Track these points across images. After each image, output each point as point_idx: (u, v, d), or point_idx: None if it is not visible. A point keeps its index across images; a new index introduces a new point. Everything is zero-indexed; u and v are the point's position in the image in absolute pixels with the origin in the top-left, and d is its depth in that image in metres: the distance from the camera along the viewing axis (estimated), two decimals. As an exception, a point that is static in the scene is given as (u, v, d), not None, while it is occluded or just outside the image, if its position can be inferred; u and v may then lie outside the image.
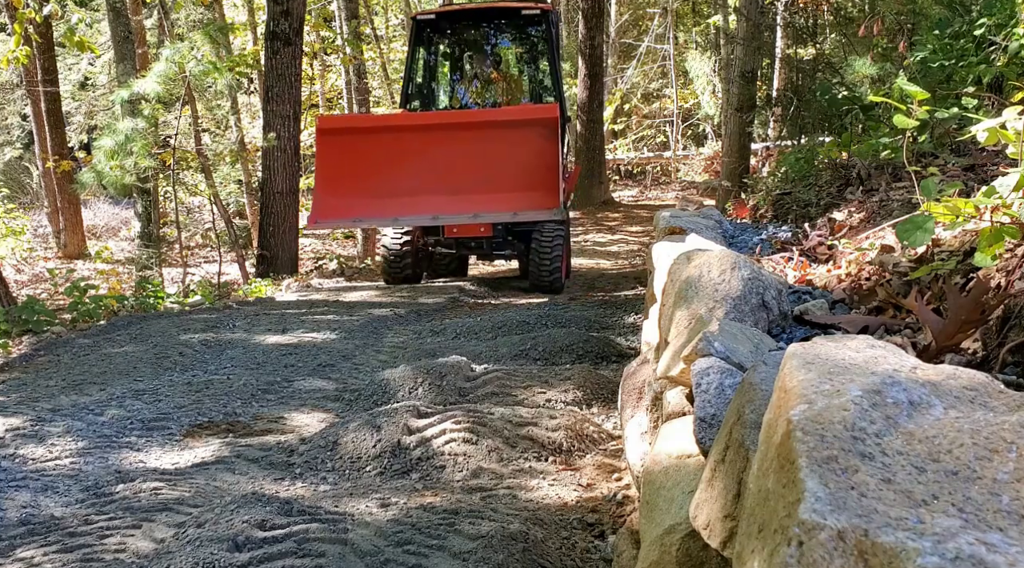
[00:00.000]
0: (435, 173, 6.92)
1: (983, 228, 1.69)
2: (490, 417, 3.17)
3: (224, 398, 3.84)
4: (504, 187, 6.76)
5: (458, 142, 6.89)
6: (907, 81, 2.21)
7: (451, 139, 6.91)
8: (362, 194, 6.96)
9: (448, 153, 6.89)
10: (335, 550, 2.16)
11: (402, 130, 7.07)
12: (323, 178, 6.97)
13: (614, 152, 20.17)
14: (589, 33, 13.47)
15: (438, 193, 6.84)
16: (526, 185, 6.65)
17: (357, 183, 6.95)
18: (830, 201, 3.91)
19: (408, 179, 6.92)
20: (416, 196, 6.85)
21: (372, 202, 6.97)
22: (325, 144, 7.04)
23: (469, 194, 6.80)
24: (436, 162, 6.92)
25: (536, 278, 7.25)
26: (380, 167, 7.00)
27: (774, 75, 12.87)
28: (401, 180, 6.92)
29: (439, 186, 6.86)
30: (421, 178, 6.90)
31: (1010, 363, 1.44)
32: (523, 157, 6.72)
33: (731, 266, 1.97)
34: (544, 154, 6.63)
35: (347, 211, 6.98)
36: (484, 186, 6.80)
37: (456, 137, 6.92)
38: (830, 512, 0.67)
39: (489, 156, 6.82)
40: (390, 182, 6.94)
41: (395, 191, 6.91)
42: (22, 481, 2.84)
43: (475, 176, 6.84)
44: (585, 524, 2.41)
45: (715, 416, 1.36)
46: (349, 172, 6.98)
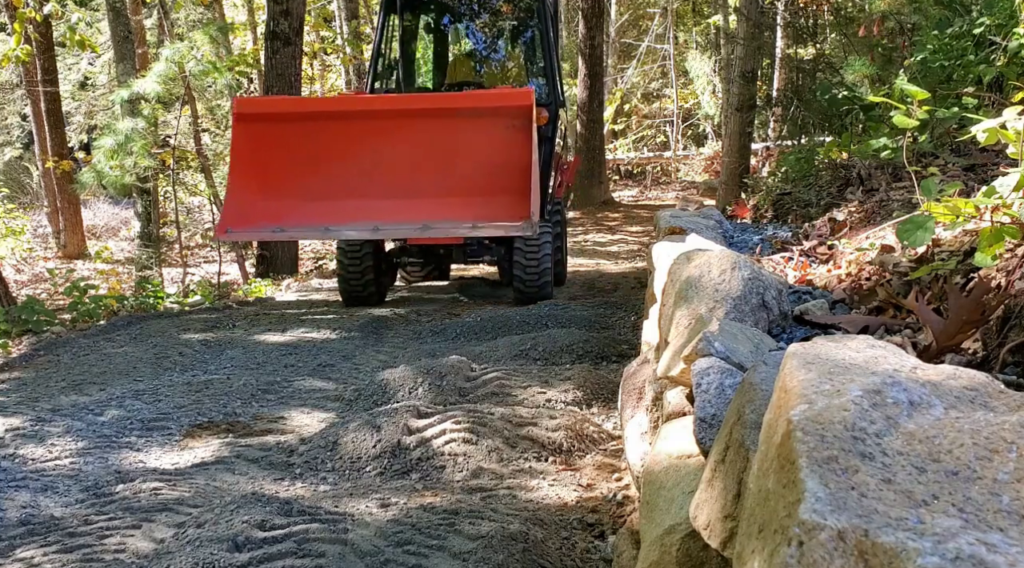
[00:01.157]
0: (379, 171, 5.78)
1: (983, 228, 1.69)
2: (490, 417, 3.17)
3: (224, 398, 3.84)
4: (462, 190, 5.63)
5: (408, 133, 5.69)
6: (907, 81, 2.21)
7: (399, 129, 5.69)
8: (287, 196, 5.73)
9: (396, 146, 5.73)
10: (335, 550, 2.16)
11: (339, 117, 5.78)
12: (238, 175, 5.65)
13: (614, 152, 20.17)
14: (589, 33, 13.47)
15: (382, 196, 5.70)
16: (490, 189, 5.55)
17: (281, 183, 5.74)
18: (830, 201, 3.91)
19: (345, 178, 5.78)
20: (354, 199, 5.72)
21: (299, 207, 5.71)
22: (242, 132, 5.69)
23: (419, 198, 5.68)
24: (381, 158, 5.76)
25: (521, 287, 6.24)
26: (311, 163, 5.77)
27: (774, 75, 12.87)
28: (337, 179, 5.78)
29: (383, 188, 5.74)
30: (362, 177, 5.77)
31: (1010, 363, 1.44)
32: (488, 154, 5.57)
33: (731, 266, 1.97)
34: (514, 150, 5.39)
35: (266, 218, 5.66)
36: (438, 189, 5.70)
37: (405, 127, 5.69)
38: (830, 512, 0.67)
39: (445, 151, 5.68)
40: (323, 182, 5.77)
41: (329, 193, 5.75)
42: (22, 481, 2.84)
43: (427, 176, 5.73)
44: (585, 524, 2.41)
45: (715, 416, 1.36)
46: (271, 168, 5.73)
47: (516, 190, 5.38)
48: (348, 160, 5.78)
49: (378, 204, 5.69)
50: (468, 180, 5.63)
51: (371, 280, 6.37)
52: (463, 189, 5.63)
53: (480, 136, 5.57)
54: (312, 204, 5.70)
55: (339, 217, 5.61)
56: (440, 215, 5.52)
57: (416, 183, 5.73)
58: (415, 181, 5.73)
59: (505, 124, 5.45)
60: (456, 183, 5.66)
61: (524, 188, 5.30)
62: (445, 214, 5.53)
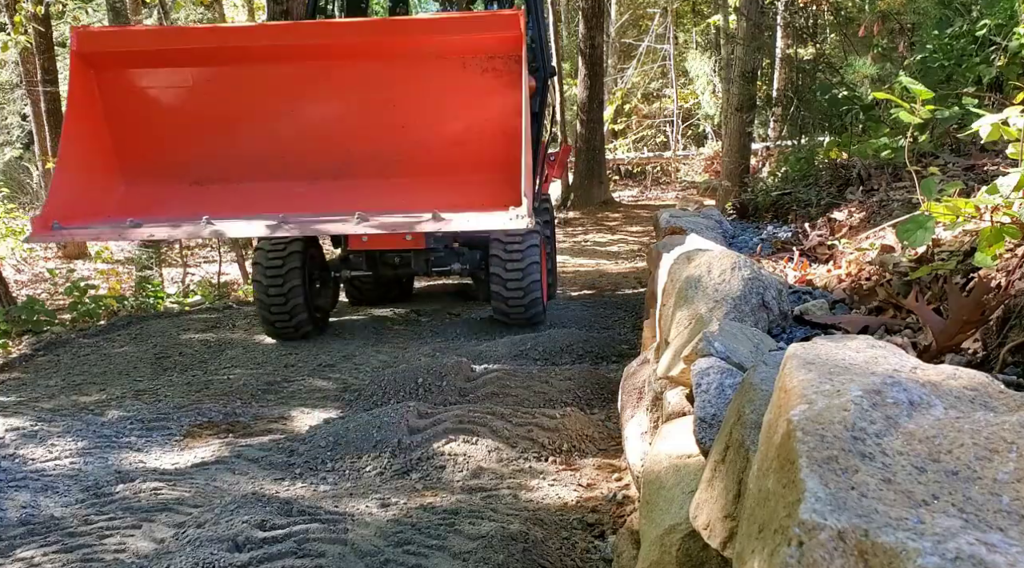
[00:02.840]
0: (294, 139, 4.01)
1: (983, 228, 1.69)
2: (490, 417, 3.17)
3: (224, 398, 3.84)
4: (419, 164, 3.98)
5: (337, 80, 3.93)
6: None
7: (324, 74, 3.91)
8: (152, 175, 3.95)
9: (320, 101, 4.00)
10: (335, 550, 2.16)
11: (233, 56, 3.80)
12: (76, 144, 3.69)
13: (614, 152, 20.17)
14: (589, 33, 13.47)
15: (299, 176, 4.00)
16: (460, 162, 3.93)
17: (144, 155, 3.94)
18: (830, 201, 3.91)
19: (244, 149, 4.00)
20: (257, 181, 3.98)
21: (170, 192, 3.96)
22: (85, 80, 3.73)
23: (355, 177, 4.02)
24: (298, 117, 4.00)
25: (503, 307, 4.96)
26: (191, 125, 3.96)
27: (774, 75, 12.88)
28: (230, 151, 3.99)
29: (301, 163, 4.03)
30: (269, 147, 4.00)
31: (1010, 363, 1.44)
32: (456, 109, 3.93)
33: (731, 266, 1.97)
34: (495, 104, 3.79)
35: (116, 208, 3.83)
36: (384, 163, 4.03)
37: (333, 70, 3.90)
38: (830, 512, 0.67)
39: (394, 107, 3.93)
40: (208, 154, 3.99)
41: (218, 171, 4.00)
42: (22, 481, 2.84)
43: (367, 144, 3.99)
44: (585, 524, 2.42)
45: (715, 416, 1.36)
46: (129, 134, 3.90)
47: (498, 163, 3.74)
48: (247, 121, 3.95)
49: (293, 187, 3.96)
50: (426, 149, 3.94)
51: (300, 305, 4.85)
52: (420, 162, 3.96)
53: (444, 82, 3.83)
54: (191, 189, 3.95)
55: (232, 206, 3.79)
56: (386, 202, 3.76)
57: (351, 152, 3.97)
58: (349, 152, 3.97)
59: (481, 63, 3.73)
60: (409, 154, 3.96)
61: (510, 159, 3.57)
62: (394, 201, 3.77)
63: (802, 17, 9.47)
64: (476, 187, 3.83)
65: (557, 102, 14.42)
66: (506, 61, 3.76)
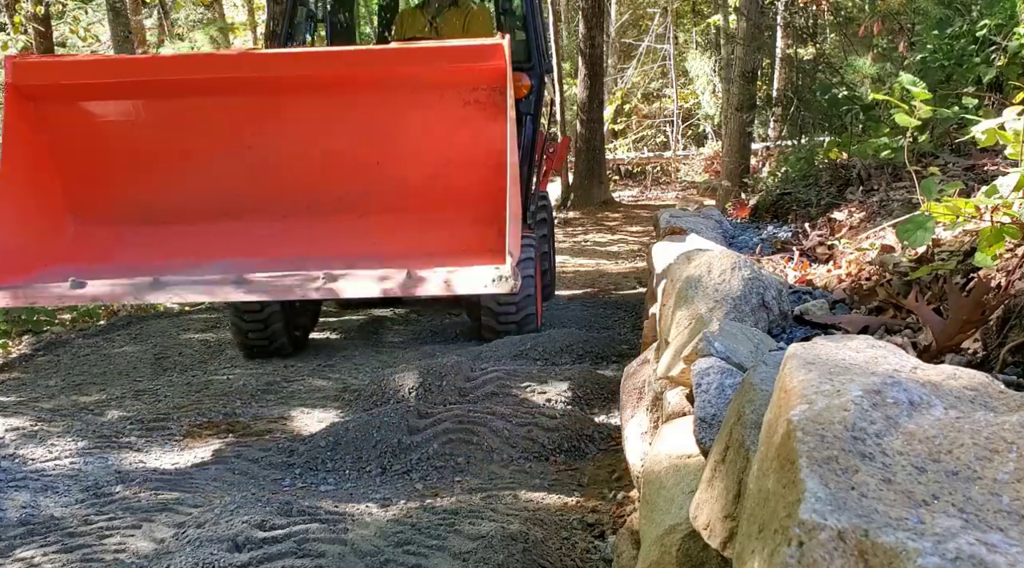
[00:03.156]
0: (260, 175, 3.64)
1: (983, 228, 1.69)
2: (490, 417, 3.17)
3: (224, 398, 3.84)
4: (398, 205, 3.62)
5: (306, 111, 3.57)
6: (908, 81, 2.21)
7: (291, 105, 3.55)
8: (102, 215, 3.56)
9: (288, 134, 3.61)
10: (335, 550, 2.16)
11: (189, 86, 3.42)
12: (10, 185, 3.23)
13: (614, 152, 20.17)
14: (589, 33, 13.47)
15: (263, 215, 3.64)
16: (442, 203, 3.57)
17: (93, 192, 3.55)
18: (830, 201, 3.91)
19: (205, 185, 3.64)
20: (218, 219, 3.61)
21: (125, 233, 3.60)
22: (22, 115, 3.32)
23: (326, 217, 3.68)
24: (264, 152, 3.62)
25: (492, 323, 4.63)
26: (143, 161, 3.59)
27: (774, 75, 12.88)
28: (189, 187, 3.64)
29: (267, 200, 3.65)
30: (231, 183, 3.64)
31: (1010, 363, 1.44)
32: (433, 148, 3.57)
33: (731, 266, 1.97)
34: (477, 142, 3.45)
35: (62, 253, 3.42)
36: (357, 201, 3.66)
37: (294, 103, 3.54)
38: (830, 512, 0.67)
39: (369, 143, 3.58)
40: (164, 191, 3.62)
41: (174, 210, 3.63)
42: (22, 481, 2.84)
43: (339, 180, 3.65)
44: (585, 524, 2.41)
45: (715, 416, 1.36)
46: (75, 170, 3.52)
47: (482, 201, 3.41)
48: (206, 157, 3.62)
49: (257, 228, 3.62)
50: (403, 187, 3.62)
51: (279, 329, 4.61)
52: (395, 202, 3.62)
53: (422, 116, 3.52)
54: (145, 230, 3.60)
55: (190, 250, 3.49)
56: (358, 246, 3.48)
57: (320, 193, 3.67)
58: (318, 190, 3.66)
59: (461, 97, 3.44)
60: (384, 192, 3.63)
61: (494, 197, 3.17)
62: (366, 244, 3.51)
63: (802, 17, 9.48)
64: (457, 228, 3.54)
65: (557, 101, 14.36)
66: (489, 93, 3.41)
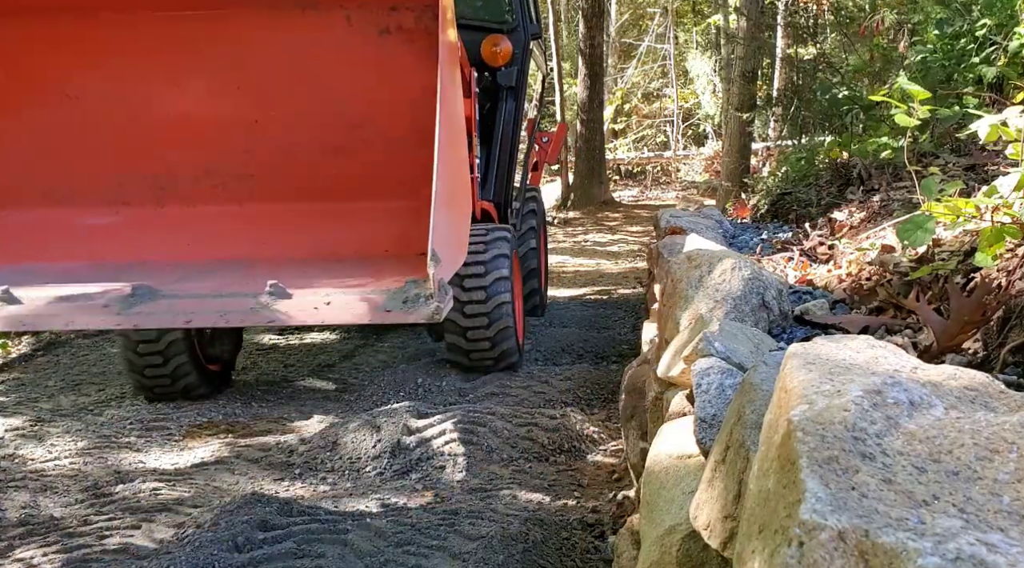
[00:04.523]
0: (82, 140, 2.63)
1: (984, 228, 1.69)
2: (490, 417, 3.17)
3: (224, 398, 3.84)
4: (284, 186, 2.70)
5: (145, 43, 2.54)
6: (907, 81, 2.21)
7: (126, 33, 2.51)
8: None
9: (121, 81, 2.58)
10: (335, 550, 2.16)
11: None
12: None
13: (614, 152, 20.17)
14: (589, 33, 13.46)
15: (95, 198, 2.68)
16: (349, 183, 2.65)
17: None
18: (830, 201, 3.91)
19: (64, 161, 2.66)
20: (18, 208, 2.63)
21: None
22: None
23: (181, 202, 2.73)
24: (85, 108, 2.59)
25: (463, 360, 3.76)
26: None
27: (774, 75, 12.87)
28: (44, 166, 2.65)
29: (99, 178, 2.67)
30: (35, 156, 2.63)
31: (1011, 363, 1.44)
32: (344, 98, 2.58)
33: (731, 266, 1.97)
34: (408, 90, 2.47)
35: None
36: (225, 179, 2.71)
37: (140, 27, 2.51)
38: (831, 512, 0.67)
39: (243, 91, 2.60)
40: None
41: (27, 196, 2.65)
42: (22, 481, 2.84)
43: (199, 149, 2.67)
44: (585, 524, 2.41)
45: (715, 416, 1.35)
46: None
47: (407, 182, 2.45)
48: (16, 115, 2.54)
49: (83, 216, 2.67)
50: (291, 159, 2.64)
51: (185, 363, 3.62)
52: (280, 181, 2.66)
53: (320, 52, 2.50)
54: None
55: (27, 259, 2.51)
56: (226, 244, 2.63)
57: (172, 168, 2.67)
58: (169, 164, 2.66)
59: (377, 19, 2.40)
60: (264, 166, 2.66)
61: (426, 176, 2.05)
62: (238, 241, 2.64)
63: (802, 17, 9.47)
64: (370, 222, 2.59)
65: (556, 81, 14.24)
66: (418, 15, 2.35)
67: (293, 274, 2.28)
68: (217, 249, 2.59)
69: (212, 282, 2.32)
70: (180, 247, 2.60)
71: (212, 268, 2.45)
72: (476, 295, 3.54)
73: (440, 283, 1.97)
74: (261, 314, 2.09)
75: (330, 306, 2.08)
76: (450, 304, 2.06)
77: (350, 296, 2.10)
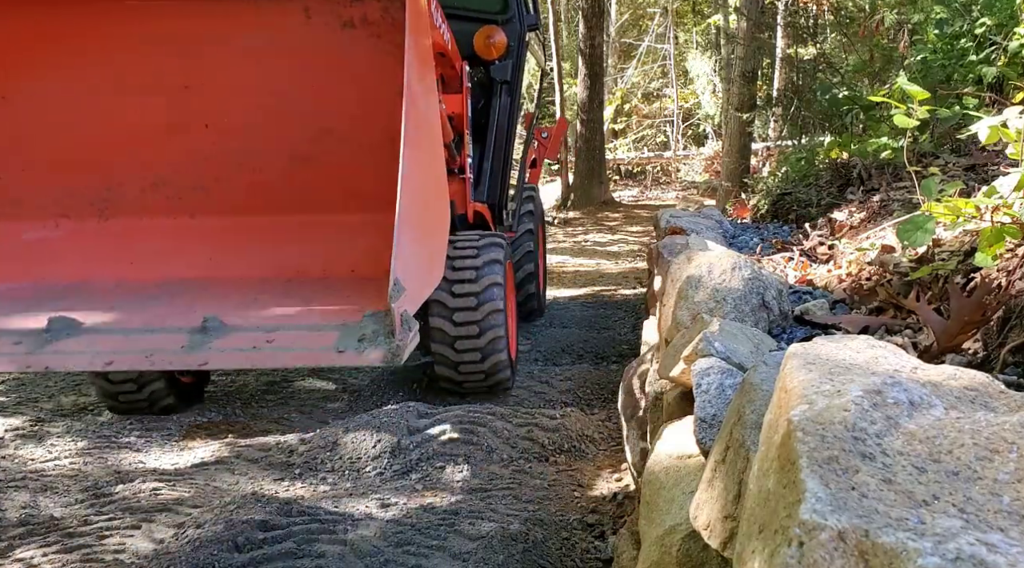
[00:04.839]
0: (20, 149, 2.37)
1: (984, 228, 1.69)
2: (490, 417, 3.17)
3: (224, 398, 3.84)
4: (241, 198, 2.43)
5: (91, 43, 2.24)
6: (907, 81, 2.21)
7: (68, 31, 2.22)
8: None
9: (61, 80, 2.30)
10: (335, 550, 2.16)
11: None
12: None
13: (614, 152, 20.17)
14: (589, 33, 13.47)
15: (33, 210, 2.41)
16: (314, 195, 2.41)
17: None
18: (831, 201, 3.91)
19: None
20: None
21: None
22: None
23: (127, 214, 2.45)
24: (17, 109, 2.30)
25: (451, 375, 3.49)
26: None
27: (774, 75, 12.88)
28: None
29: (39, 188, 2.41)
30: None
31: (1011, 363, 1.44)
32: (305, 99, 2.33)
33: (731, 266, 1.97)
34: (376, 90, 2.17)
35: None
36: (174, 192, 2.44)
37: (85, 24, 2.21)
38: (831, 512, 0.67)
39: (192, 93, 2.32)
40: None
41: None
42: (22, 481, 2.84)
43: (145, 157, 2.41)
44: (585, 524, 2.41)
45: (715, 416, 1.36)
46: None
47: (379, 191, 2.11)
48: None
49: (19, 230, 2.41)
50: (249, 168, 2.39)
51: (160, 389, 3.46)
52: (236, 193, 2.41)
53: (277, 49, 2.25)
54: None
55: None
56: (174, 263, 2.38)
57: (114, 179, 2.42)
58: (111, 174, 2.41)
59: (337, 15, 2.16)
60: (218, 177, 2.41)
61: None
62: (190, 260, 2.39)
63: (802, 17, 9.48)
64: (336, 237, 2.35)
65: (555, 77, 14.21)
66: (384, 6, 2.09)
67: (243, 300, 2.07)
68: (165, 267, 2.31)
69: (145, 313, 2.04)
70: (124, 266, 2.31)
71: (155, 293, 2.17)
72: (468, 331, 3.32)
73: (403, 317, 1.70)
74: (192, 355, 1.81)
75: (272, 344, 1.80)
76: (415, 341, 1.77)
77: (298, 332, 1.85)
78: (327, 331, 1.81)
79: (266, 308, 2.01)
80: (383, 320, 1.73)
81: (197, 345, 1.82)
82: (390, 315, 1.68)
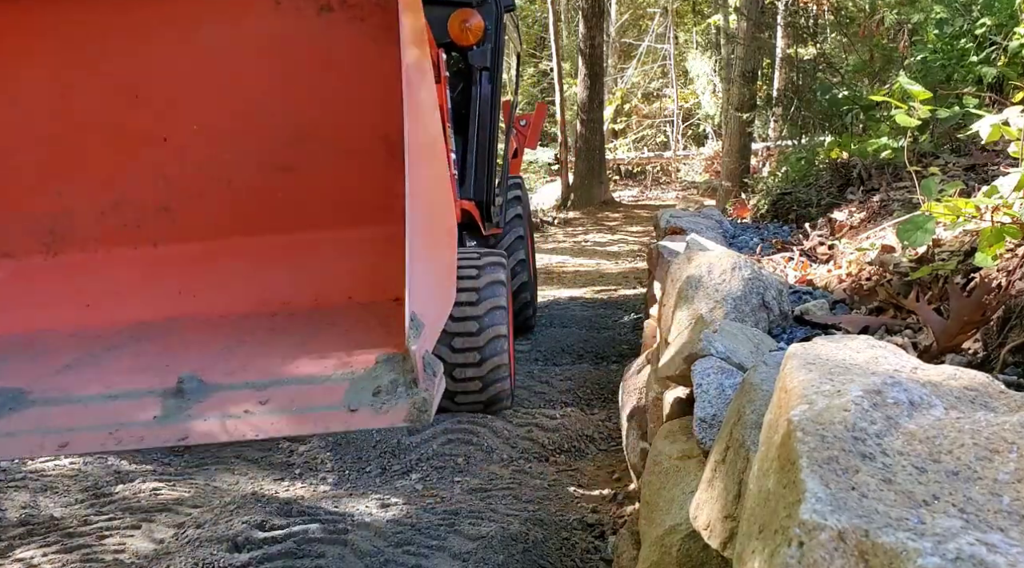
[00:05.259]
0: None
1: (984, 228, 1.69)
2: (490, 417, 3.17)
3: (224, 398, 3.84)
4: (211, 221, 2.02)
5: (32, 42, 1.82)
6: (908, 80, 2.21)
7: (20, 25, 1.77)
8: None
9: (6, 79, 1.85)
10: (335, 550, 2.16)
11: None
12: None
13: (614, 152, 20.17)
14: (589, 33, 13.46)
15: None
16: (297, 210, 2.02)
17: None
18: (831, 201, 3.91)
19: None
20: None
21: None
22: None
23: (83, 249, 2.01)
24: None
25: (445, 398, 3.05)
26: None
27: (774, 75, 12.88)
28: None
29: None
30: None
31: (1011, 363, 1.44)
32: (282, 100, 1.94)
33: (731, 266, 1.97)
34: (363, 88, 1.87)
35: None
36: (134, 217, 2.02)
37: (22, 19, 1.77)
38: (831, 512, 0.67)
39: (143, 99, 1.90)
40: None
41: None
42: (22, 481, 2.84)
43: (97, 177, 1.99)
44: (585, 524, 2.41)
45: (715, 416, 1.36)
46: None
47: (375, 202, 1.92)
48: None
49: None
50: (219, 184, 2.04)
51: None
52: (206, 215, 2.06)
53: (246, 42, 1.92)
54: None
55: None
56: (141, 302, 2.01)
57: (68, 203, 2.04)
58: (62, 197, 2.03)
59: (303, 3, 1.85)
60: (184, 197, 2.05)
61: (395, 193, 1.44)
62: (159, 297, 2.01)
63: (802, 17, 9.48)
64: (327, 258, 2.02)
65: (556, 81, 14.16)
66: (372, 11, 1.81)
67: (224, 347, 1.70)
68: (127, 310, 1.92)
69: (107, 372, 1.64)
70: (79, 310, 1.91)
71: (117, 343, 1.80)
72: (469, 357, 3.09)
73: (425, 359, 1.37)
74: (167, 428, 1.43)
75: (267, 406, 1.43)
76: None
77: (297, 387, 1.47)
78: (333, 383, 1.45)
79: (253, 357, 1.62)
80: (402, 366, 1.38)
81: (173, 413, 1.44)
82: (410, 359, 1.34)
